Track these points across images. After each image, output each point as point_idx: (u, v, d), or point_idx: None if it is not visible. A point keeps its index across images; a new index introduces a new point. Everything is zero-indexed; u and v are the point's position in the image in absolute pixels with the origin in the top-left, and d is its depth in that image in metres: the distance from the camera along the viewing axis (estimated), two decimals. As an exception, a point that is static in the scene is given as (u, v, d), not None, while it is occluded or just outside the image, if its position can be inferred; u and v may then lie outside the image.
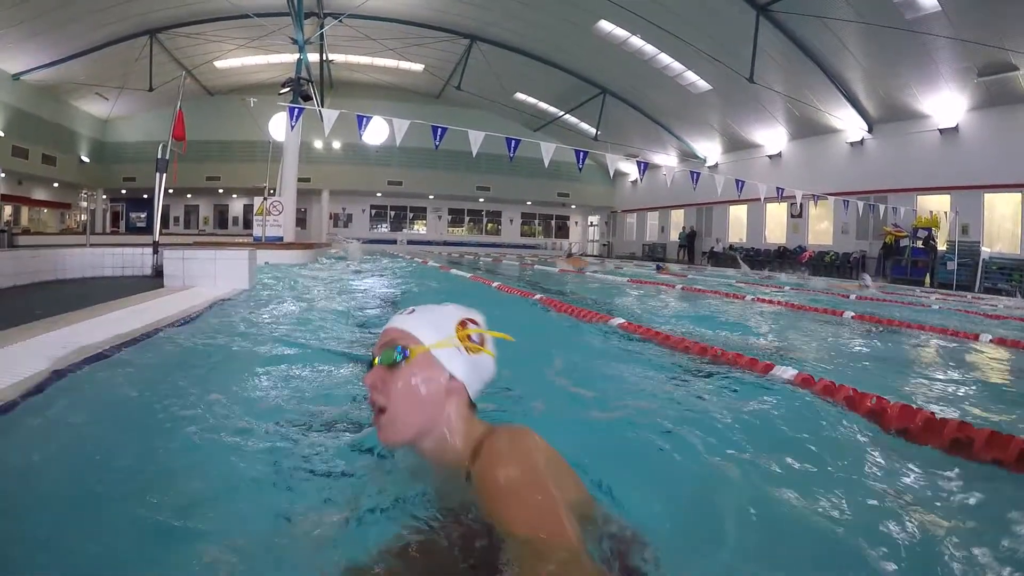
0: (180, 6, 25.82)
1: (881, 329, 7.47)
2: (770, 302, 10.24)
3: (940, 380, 4.71)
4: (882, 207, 20.92)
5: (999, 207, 21.18)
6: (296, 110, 13.38)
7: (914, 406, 3.12)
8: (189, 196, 40.22)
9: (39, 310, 4.96)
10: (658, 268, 20.71)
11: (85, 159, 34.68)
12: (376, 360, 1.68)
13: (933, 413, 2.97)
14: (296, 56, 20.99)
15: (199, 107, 33.10)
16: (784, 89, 24.58)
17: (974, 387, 4.50)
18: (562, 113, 36.03)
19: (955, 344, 6.60)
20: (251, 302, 6.98)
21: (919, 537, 2.06)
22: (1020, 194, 20.05)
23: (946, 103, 21.30)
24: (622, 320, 6.24)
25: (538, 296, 8.63)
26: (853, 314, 8.26)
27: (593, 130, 33.97)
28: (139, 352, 3.84)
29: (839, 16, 19.40)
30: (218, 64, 32.64)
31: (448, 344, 1.69)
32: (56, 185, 34.12)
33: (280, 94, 19.92)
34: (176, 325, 4.82)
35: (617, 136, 33.24)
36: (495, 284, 11.06)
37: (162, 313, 5.10)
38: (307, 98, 20.05)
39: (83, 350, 3.49)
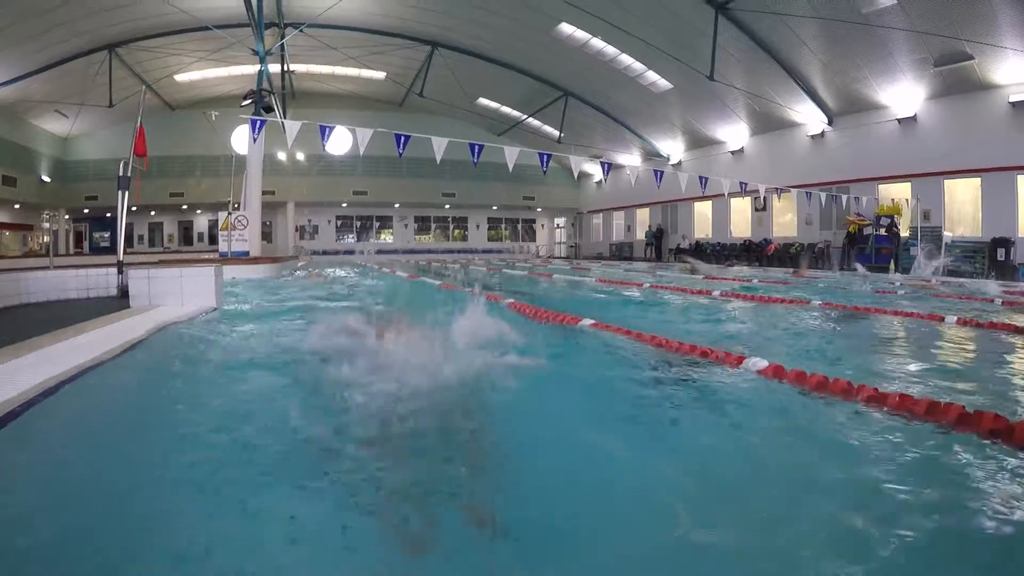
0: (138, 19, 25.39)
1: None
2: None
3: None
4: (844, 197, 21.18)
5: (959, 192, 21.58)
6: (258, 122, 13.30)
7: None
8: (153, 213, 39.65)
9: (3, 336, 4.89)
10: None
11: (46, 179, 34.01)
12: None
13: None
14: (257, 67, 20.85)
15: (160, 122, 32.70)
16: (744, 86, 24.85)
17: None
18: (525, 117, 36.11)
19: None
20: (218, 321, 6.92)
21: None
22: (979, 179, 20.45)
23: (904, 93, 21.67)
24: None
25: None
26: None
27: (556, 132, 34.06)
28: (99, 379, 3.81)
29: (796, 12, 19.69)
30: (178, 78, 32.26)
31: None
32: (17, 207, 33.38)
33: (242, 106, 19.75)
34: (135, 349, 4.77)
35: (580, 138, 33.43)
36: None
37: (123, 338, 5.03)
38: (269, 110, 19.92)
39: (51, 379, 3.46)
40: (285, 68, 29.60)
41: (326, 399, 3.50)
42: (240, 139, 21.59)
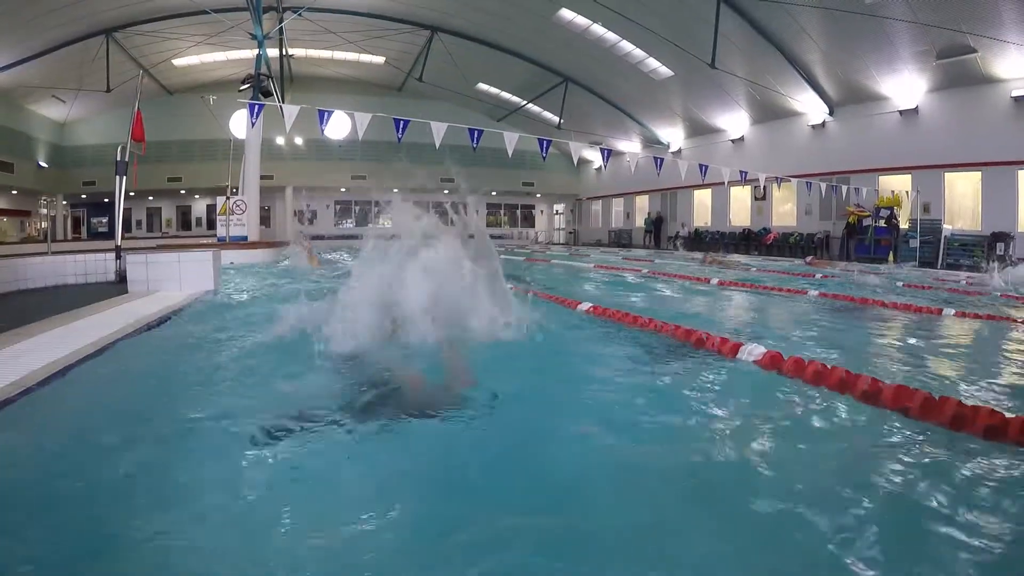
0: (136, 3, 25.23)
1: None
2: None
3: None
4: (844, 188, 21.17)
5: (959, 185, 21.55)
6: (256, 107, 13.23)
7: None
8: (151, 198, 39.39)
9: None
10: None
11: (43, 164, 33.83)
12: None
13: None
14: (255, 52, 20.70)
15: (158, 107, 32.53)
16: (745, 74, 24.74)
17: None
18: (525, 102, 35.96)
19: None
20: (216, 306, 6.89)
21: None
22: (979, 172, 20.41)
23: (906, 85, 21.59)
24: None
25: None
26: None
27: (556, 118, 33.92)
28: (98, 365, 3.79)
29: (798, 0, 19.56)
30: (176, 62, 32.05)
31: None
32: (15, 192, 33.22)
33: (240, 91, 19.60)
34: (137, 334, 4.74)
35: (580, 124, 33.29)
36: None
37: (122, 322, 5.00)
38: (267, 94, 19.77)
39: (51, 365, 3.44)
40: (283, 52, 29.45)
41: (324, 381, 3.48)
42: (238, 123, 21.44)
